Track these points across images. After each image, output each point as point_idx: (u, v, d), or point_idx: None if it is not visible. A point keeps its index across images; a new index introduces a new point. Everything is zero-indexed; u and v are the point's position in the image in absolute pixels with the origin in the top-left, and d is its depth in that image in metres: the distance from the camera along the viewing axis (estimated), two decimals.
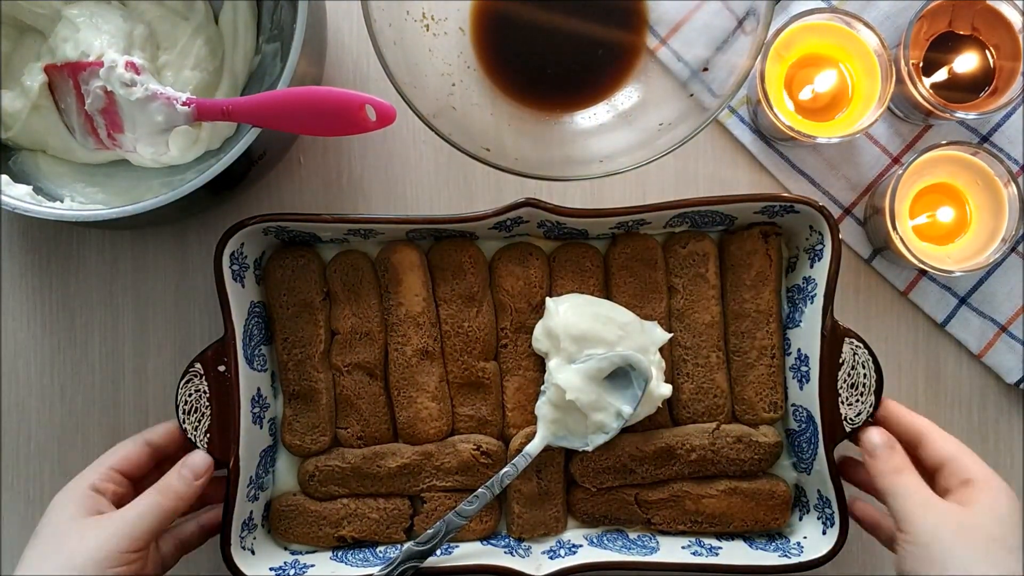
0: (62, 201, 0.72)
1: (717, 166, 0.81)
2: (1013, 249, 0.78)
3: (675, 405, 0.76)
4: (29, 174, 0.75)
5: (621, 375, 0.72)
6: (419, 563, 0.70)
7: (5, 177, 0.71)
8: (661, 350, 0.74)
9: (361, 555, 0.74)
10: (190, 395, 0.71)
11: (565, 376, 0.72)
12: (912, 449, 0.68)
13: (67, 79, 0.72)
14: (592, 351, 0.72)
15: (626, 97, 0.76)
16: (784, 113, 0.75)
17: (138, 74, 0.69)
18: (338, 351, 0.75)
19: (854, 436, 0.71)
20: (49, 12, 0.74)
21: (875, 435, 0.69)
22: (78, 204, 0.73)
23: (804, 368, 0.73)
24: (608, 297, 0.76)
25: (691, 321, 0.75)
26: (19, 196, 0.70)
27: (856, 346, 0.72)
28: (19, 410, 0.81)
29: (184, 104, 0.69)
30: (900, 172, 0.73)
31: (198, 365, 0.71)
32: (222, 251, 0.70)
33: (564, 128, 0.76)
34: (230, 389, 0.70)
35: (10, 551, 0.80)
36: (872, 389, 0.71)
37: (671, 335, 0.75)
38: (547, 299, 0.74)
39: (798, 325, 0.74)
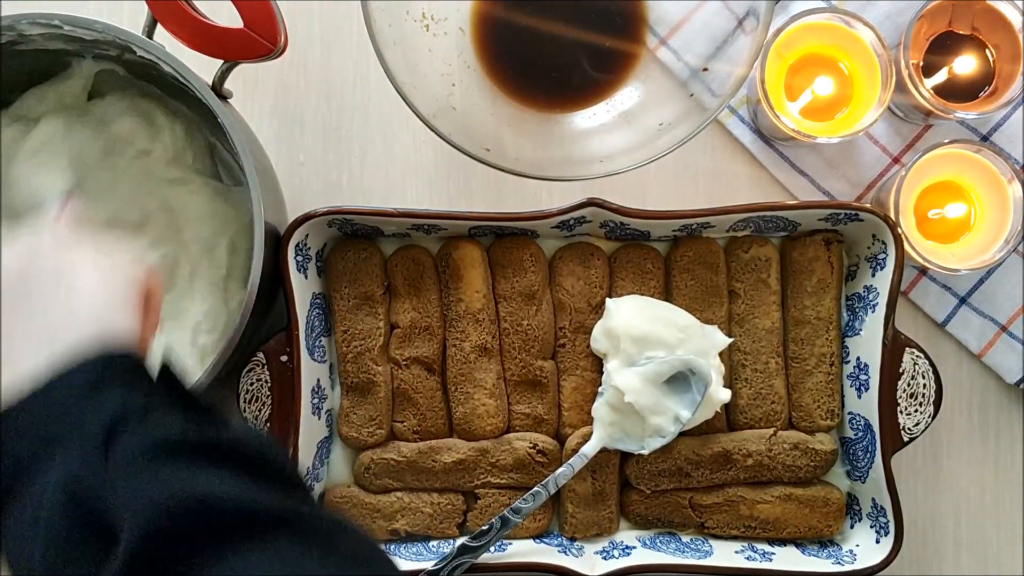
0: None
1: (717, 166, 0.81)
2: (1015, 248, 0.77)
3: (732, 410, 0.76)
4: None
5: (680, 379, 0.72)
6: (473, 558, 0.71)
7: None
8: (720, 354, 0.74)
9: (414, 549, 0.74)
10: (252, 384, 0.71)
11: (624, 378, 0.72)
12: None
13: None
14: (652, 353, 0.72)
15: (626, 97, 0.76)
16: (784, 113, 0.74)
17: None
18: (397, 345, 0.75)
19: None
20: None
21: None
22: None
23: (863, 377, 0.73)
24: (668, 300, 0.75)
25: (751, 326, 0.75)
26: None
27: (917, 356, 0.72)
28: None
29: None
30: (904, 171, 0.73)
31: (261, 355, 0.71)
32: (288, 241, 0.70)
33: (564, 128, 0.76)
34: (291, 379, 0.70)
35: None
36: (932, 400, 0.72)
37: (731, 340, 0.74)
38: (607, 299, 0.74)
39: (858, 333, 0.74)
